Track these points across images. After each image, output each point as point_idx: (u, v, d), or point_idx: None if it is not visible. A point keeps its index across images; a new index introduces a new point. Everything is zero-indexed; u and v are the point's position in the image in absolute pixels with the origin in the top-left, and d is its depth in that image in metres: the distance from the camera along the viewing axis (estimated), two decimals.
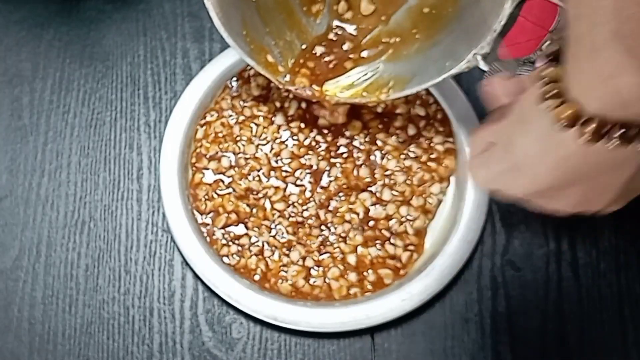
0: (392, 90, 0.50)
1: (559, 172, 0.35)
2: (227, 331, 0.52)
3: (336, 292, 0.52)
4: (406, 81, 0.50)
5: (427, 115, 0.56)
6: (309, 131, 0.55)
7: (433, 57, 0.50)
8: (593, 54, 0.28)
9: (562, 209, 0.38)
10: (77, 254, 0.54)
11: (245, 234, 0.53)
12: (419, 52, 0.51)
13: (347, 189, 0.54)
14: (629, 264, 0.53)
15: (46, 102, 0.59)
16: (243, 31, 0.50)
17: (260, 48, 0.51)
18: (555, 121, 0.31)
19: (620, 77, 0.27)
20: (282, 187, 0.54)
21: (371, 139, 0.55)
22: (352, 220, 0.53)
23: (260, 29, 0.51)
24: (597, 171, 0.34)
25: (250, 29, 0.50)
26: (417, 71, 0.50)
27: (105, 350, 0.52)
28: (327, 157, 0.55)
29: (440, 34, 0.50)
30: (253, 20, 0.51)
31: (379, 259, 0.52)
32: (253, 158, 0.55)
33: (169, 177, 0.54)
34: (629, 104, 0.28)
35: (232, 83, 0.57)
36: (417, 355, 0.52)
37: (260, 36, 0.51)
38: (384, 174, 0.54)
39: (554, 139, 0.33)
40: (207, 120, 0.56)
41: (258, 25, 0.51)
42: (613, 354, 0.51)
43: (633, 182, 0.36)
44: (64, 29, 0.61)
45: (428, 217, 0.54)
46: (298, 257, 0.53)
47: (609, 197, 0.37)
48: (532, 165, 0.35)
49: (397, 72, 0.52)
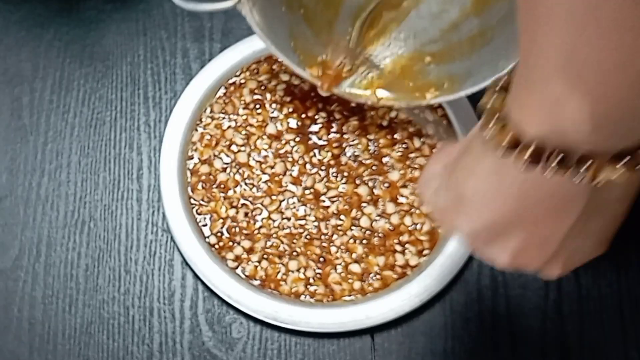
0: (449, 91, 0.50)
1: (499, 204, 0.34)
2: (227, 331, 0.52)
3: (338, 294, 0.52)
4: (461, 82, 0.50)
5: (434, 120, 0.55)
6: (305, 149, 0.55)
7: (486, 57, 0.50)
8: (537, 83, 0.29)
9: (500, 258, 0.36)
10: (77, 254, 0.54)
11: (243, 241, 0.53)
12: (472, 51, 0.51)
13: (348, 207, 0.54)
14: (629, 264, 0.53)
15: (46, 102, 0.59)
16: (291, 42, 0.50)
17: (310, 57, 0.51)
18: (496, 147, 0.31)
19: (561, 105, 0.28)
20: (278, 200, 0.54)
21: (377, 153, 0.55)
22: (354, 234, 0.53)
23: (310, 38, 0.52)
24: (539, 208, 0.33)
25: (299, 39, 0.51)
26: (473, 70, 0.50)
27: (105, 350, 0.52)
28: (326, 177, 0.54)
29: (492, 31, 0.50)
30: (301, 30, 0.51)
31: (387, 266, 0.52)
32: (246, 166, 0.55)
33: (169, 177, 0.54)
34: (567, 131, 0.28)
35: (221, 90, 0.57)
36: (417, 355, 0.52)
37: (309, 45, 0.52)
38: (388, 190, 0.54)
39: (496, 167, 0.33)
40: (203, 122, 0.56)
41: (307, 34, 0.52)
42: (613, 354, 0.51)
43: (575, 239, 0.34)
44: (64, 29, 0.61)
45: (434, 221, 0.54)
46: (297, 267, 0.52)
47: (550, 249, 0.35)
48: (474, 196, 0.35)
49: (451, 71, 0.51)
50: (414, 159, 0.55)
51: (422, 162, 0.54)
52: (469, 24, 0.52)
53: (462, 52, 0.52)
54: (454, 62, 0.52)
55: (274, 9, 0.49)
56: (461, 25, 0.52)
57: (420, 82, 0.52)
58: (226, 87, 0.57)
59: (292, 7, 0.50)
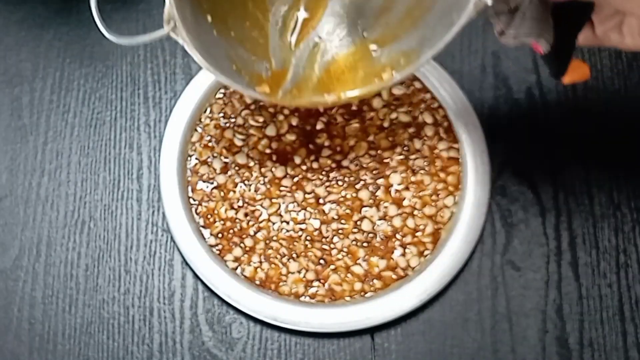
0: (407, 66, 0.48)
1: None
2: (227, 331, 0.52)
3: (338, 294, 0.52)
4: (417, 52, 0.48)
5: (434, 122, 0.55)
6: (306, 152, 0.55)
7: (433, 20, 0.47)
8: None
9: None
10: (77, 254, 0.54)
11: (242, 242, 0.53)
12: (416, 23, 0.49)
13: (350, 211, 0.54)
14: (629, 264, 0.53)
15: (46, 101, 0.59)
16: (232, 66, 0.49)
17: (255, 75, 0.50)
18: None
19: None
20: (278, 202, 0.54)
21: (378, 156, 0.55)
22: (356, 238, 0.53)
23: (248, 58, 0.50)
24: None
25: (238, 61, 0.50)
26: (425, 37, 0.48)
27: (105, 350, 0.52)
28: (327, 181, 0.54)
29: None
30: (238, 52, 0.50)
31: (388, 268, 0.52)
32: (245, 167, 0.55)
33: (169, 177, 0.54)
34: None
35: (221, 91, 0.57)
36: (417, 355, 0.52)
37: (250, 64, 0.50)
38: (389, 193, 0.54)
39: None
40: (203, 123, 0.56)
41: (245, 55, 0.50)
42: (613, 354, 0.51)
43: None
44: (64, 29, 0.61)
45: (437, 223, 0.53)
46: (298, 268, 0.52)
47: None
48: None
49: (402, 48, 0.50)
50: (414, 161, 0.55)
51: (423, 164, 0.54)
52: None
53: (405, 28, 0.50)
54: (401, 40, 0.50)
55: (208, 35, 0.48)
56: (393, 4, 0.50)
57: (374, 68, 0.51)
58: (226, 87, 0.57)
59: (222, 32, 0.49)
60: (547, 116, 0.57)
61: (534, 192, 0.55)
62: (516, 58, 0.58)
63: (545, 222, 0.54)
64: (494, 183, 0.54)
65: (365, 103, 0.56)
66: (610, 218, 0.54)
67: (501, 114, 0.57)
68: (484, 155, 0.54)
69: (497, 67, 0.58)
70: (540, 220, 0.54)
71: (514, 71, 0.58)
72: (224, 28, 0.49)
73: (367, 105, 0.56)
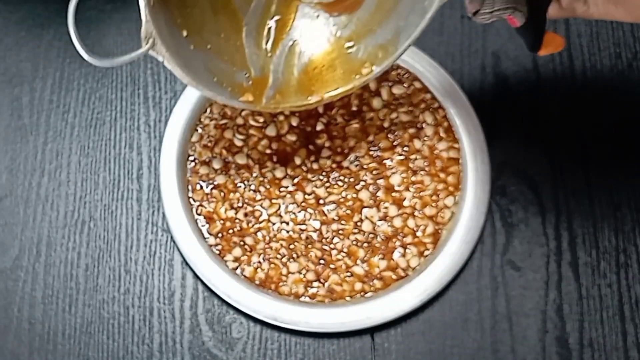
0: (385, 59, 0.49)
1: None
2: (227, 331, 0.52)
3: (338, 294, 0.52)
4: (394, 43, 0.49)
5: (435, 122, 0.55)
6: (306, 152, 0.55)
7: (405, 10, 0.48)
8: None
9: None
10: (77, 254, 0.54)
11: (242, 243, 0.53)
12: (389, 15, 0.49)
13: (350, 212, 0.54)
14: (629, 264, 0.53)
15: (46, 101, 0.59)
16: (213, 78, 0.49)
17: (237, 86, 0.50)
18: None
19: None
20: (278, 203, 0.54)
21: (378, 156, 0.55)
22: (356, 238, 0.53)
23: (227, 69, 0.51)
24: None
25: (218, 73, 0.50)
26: (399, 28, 0.48)
27: (105, 350, 0.52)
28: (327, 182, 0.54)
29: None
30: (216, 64, 0.50)
31: (388, 268, 0.52)
32: (245, 168, 0.55)
33: (169, 177, 0.54)
34: None
35: None
36: (416, 355, 0.52)
37: (230, 75, 0.50)
38: (390, 193, 0.54)
39: None
40: (203, 123, 0.56)
41: (223, 66, 0.50)
42: (613, 354, 0.51)
43: None
44: (64, 29, 0.60)
45: (437, 223, 0.53)
46: (298, 269, 0.52)
47: None
48: None
49: (378, 42, 0.50)
50: (414, 161, 0.55)
51: (423, 164, 0.54)
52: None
53: (378, 21, 0.50)
54: (376, 33, 0.50)
55: (186, 50, 0.48)
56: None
57: (353, 65, 0.51)
58: None
59: (199, 45, 0.49)
60: (547, 116, 0.57)
61: (534, 192, 0.55)
62: (516, 58, 0.58)
63: (545, 222, 0.54)
64: (494, 183, 0.54)
65: (365, 103, 0.56)
66: (610, 218, 0.54)
67: (501, 114, 0.57)
68: (484, 155, 0.54)
69: (497, 67, 0.58)
70: (540, 220, 0.54)
71: (514, 71, 0.58)
72: (200, 41, 0.49)
73: (367, 105, 0.56)
